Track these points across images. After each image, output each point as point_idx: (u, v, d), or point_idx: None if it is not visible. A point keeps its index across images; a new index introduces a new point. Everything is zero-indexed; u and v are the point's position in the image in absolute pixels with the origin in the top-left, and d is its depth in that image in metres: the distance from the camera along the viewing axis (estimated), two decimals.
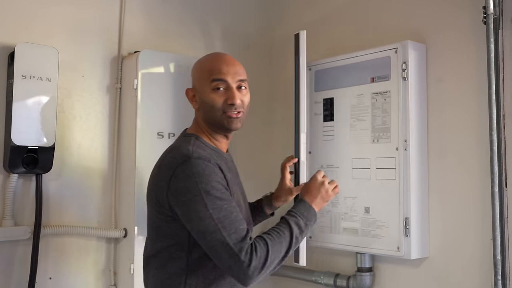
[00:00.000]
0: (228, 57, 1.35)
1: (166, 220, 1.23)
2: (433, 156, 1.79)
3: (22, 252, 1.71)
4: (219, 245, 1.14)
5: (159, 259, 1.26)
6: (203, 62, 1.35)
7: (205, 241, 1.17)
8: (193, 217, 1.17)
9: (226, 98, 1.29)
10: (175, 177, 1.19)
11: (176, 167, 1.20)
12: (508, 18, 1.63)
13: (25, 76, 1.66)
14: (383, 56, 1.82)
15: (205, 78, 1.30)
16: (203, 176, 1.17)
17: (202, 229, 1.16)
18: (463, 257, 1.70)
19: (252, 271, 1.14)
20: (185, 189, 1.17)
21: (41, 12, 1.80)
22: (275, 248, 1.18)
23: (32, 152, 1.67)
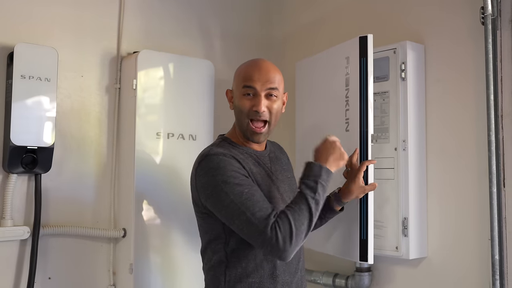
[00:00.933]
0: (264, 64, 1.38)
1: (203, 217, 1.33)
2: (432, 156, 1.80)
3: (21, 252, 1.71)
4: (246, 226, 1.21)
5: (205, 254, 1.36)
6: (242, 67, 1.41)
7: (235, 226, 1.24)
8: (219, 207, 1.25)
9: (253, 105, 1.34)
10: (198, 176, 1.29)
11: (197, 167, 1.30)
12: (506, 19, 1.63)
13: (24, 76, 1.66)
14: (382, 56, 1.82)
15: (238, 82, 1.37)
16: (219, 169, 1.25)
17: (230, 215, 1.23)
18: (461, 257, 1.71)
19: (282, 244, 1.18)
20: (207, 184, 1.26)
21: (40, 12, 1.80)
22: (296, 216, 1.21)
23: (31, 152, 1.67)
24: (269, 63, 1.40)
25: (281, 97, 1.39)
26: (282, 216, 1.21)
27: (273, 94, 1.36)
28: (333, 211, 1.57)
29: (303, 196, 1.26)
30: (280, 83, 1.38)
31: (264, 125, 1.35)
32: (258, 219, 1.19)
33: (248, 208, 1.20)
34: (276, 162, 1.45)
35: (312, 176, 1.29)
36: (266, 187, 1.34)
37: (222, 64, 2.26)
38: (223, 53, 2.29)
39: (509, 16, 1.63)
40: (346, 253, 1.68)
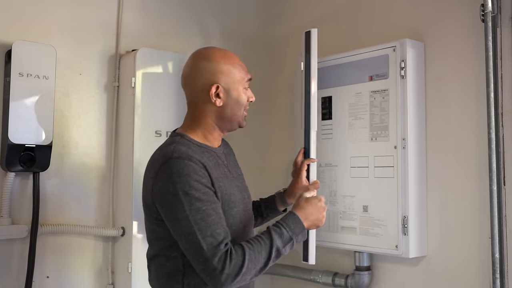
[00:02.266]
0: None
1: (158, 224, 1.23)
2: (432, 154, 1.79)
3: (19, 251, 1.71)
4: (193, 248, 1.14)
5: (158, 261, 1.26)
6: (230, 60, 1.32)
7: (181, 243, 1.17)
8: (171, 218, 1.17)
9: (248, 97, 1.35)
10: (157, 179, 1.19)
11: (158, 169, 1.19)
12: (507, 16, 1.62)
13: (22, 74, 1.65)
14: (381, 54, 1.82)
15: (239, 77, 1.32)
16: (182, 176, 1.16)
17: (179, 231, 1.16)
18: (461, 256, 1.70)
19: (224, 278, 1.12)
20: (165, 189, 1.17)
21: (39, 10, 1.79)
22: (252, 257, 1.15)
23: (29, 151, 1.66)
24: None
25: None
26: (238, 252, 1.14)
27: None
28: (276, 210, 1.55)
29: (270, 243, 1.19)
30: None
31: None
32: (207, 244, 1.12)
33: (201, 230, 1.13)
34: (229, 158, 1.40)
35: (291, 231, 1.23)
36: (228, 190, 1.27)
37: None
38: None
39: (509, 14, 1.62)
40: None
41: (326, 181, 1.97)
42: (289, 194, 1.54)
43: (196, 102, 1.32)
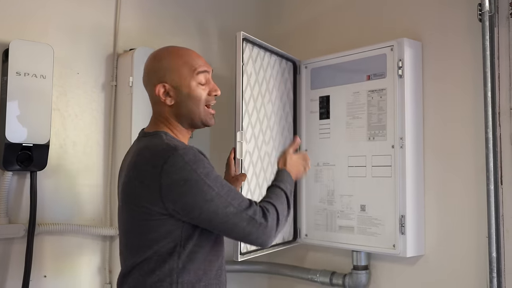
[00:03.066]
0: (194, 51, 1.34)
1: (160, 220, 1.18)
2: (429, 153, 1.79)
3: (17, 250, 1.70)
4: (234, 217, 1.17)
5: (146, 265, 1.19)
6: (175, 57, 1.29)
7: (218, 220, 1.17)
8: (200, 202, 1.15)
9: (209, 90, 1.30)
10: (167, 173, 1.15)
11: (163, 164, 1.15)
12: (504, 16, 1.63)
13: (19, 73, 1.65)
14: (379, 53, 1.82)
15: (187, 72, 1.27)
16: (197, 162, 1.17)
17: (214, 209, 1.16)
18: (458, 255, 1.70)
19: (270, 230, 1.20)
20: (183, 180, 1.14)
21: (36, 9, 1.79)
22: (280, 206, 1.26)
23: (27, 150, 1.66)
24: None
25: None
26: (269, 205, 1.24)
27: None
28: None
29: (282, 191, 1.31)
30: None
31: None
32: (244, 208, 1.18)
33: (234, 198, 1.18)
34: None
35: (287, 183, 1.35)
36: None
37: (219, 62, 2.26)
38: (220, 51, 2.28)
39: (506, 13, 1.62)
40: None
41: (323, 180, 1.97)
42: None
43: (154, 103, 1.31)
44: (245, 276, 2.25)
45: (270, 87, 1.94)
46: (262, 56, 1.91)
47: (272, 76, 1.94)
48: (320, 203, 1.98)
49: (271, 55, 1.95)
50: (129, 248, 1.25)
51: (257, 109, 1.87)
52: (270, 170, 1.91)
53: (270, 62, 1.95)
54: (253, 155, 1.83)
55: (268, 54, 1.94)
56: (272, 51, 1.95)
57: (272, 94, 1.95)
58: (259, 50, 1.88)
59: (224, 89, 2.26)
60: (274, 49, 1.95)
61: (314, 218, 2.00)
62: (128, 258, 1.24)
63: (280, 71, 2.00)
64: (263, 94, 1.90)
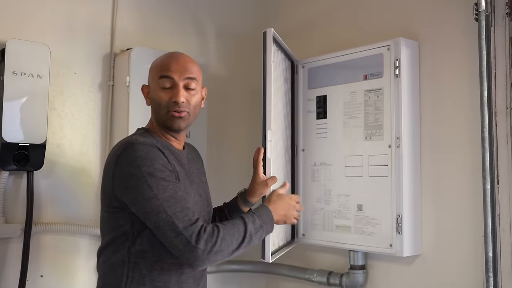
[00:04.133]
0: (182, 55, 1.33)
1: (113, 212, 1.23)
2: (426, 153, 1.79)
3: (13, 250, 1.71)
4: (165, 225, 1.14)
5: (106, 252, 1.26)
6: (157, 59, 1.33)
7: (151, 222, 1.16)
8: (138, 200, 1.16)
9: (171, 96, 1.27)
10: (119, 165, 1.19)
11: (119, 155, 1.19)
12: (500, 15, 1.62)
13: (16, 72, 1.65)
14: (375, 53, 1.82)
15: (154, 75, 1.30)
16: (146, 159, 1.17)
17: (148, 210, 1.15)
18: (455, 254, 1.70)
19: (198, 253, 1.13)
20: (129, 174, 1.17)
21: (33, 8, 1.79)
22: (227, 236, 1.17)
23: (23, 149, 1.66)
24: (186, 55, 1.34)
25: (200, 90, 1.34)
26: (214, 229, 1.16)
27: (191, 87, 1.29)
28: (240, 211, 1.52)
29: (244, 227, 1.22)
30: (199, 75, 1.32)
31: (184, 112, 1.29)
32: (179, 220, 1.13)
33: (170, 206, 1.14)
34: (193, 164, 1.40)
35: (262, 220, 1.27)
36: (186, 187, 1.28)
37: (216, 61, 2.26)
38: (217, 50, 2.28)
39: (502, 13, 1.62)
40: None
41: (320, 180, 1.97)
42: (250, 193, 1.53)
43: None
44: (242, 276, 2.26)
45: (279, 86, 1.89)
46: (276, 54, 1.83)
47: (279, 75, 1.91)
48: (317, 202, 1.98)
49: (281, 53, 1.92)
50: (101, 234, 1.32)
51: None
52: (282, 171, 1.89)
53: (280, 61, 1.90)
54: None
55: (280, 52, 1.89)
56: (283, 49, 1.91)
57: (280, 93, 1.91)
58: (275, 47, 1.80)
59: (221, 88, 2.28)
60: (285, 46, 1.90)
61: (311, 218, 2.00)
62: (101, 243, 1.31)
63: (284, 70, 1.99)
64: (276, 93, 1.84)
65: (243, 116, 2.32)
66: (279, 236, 1.85)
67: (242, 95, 2.33)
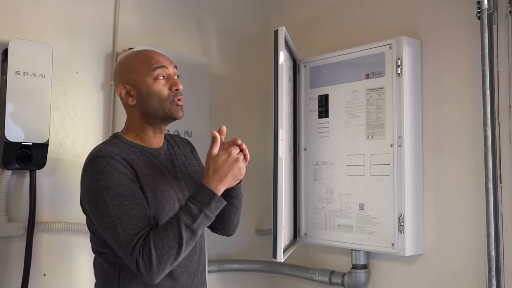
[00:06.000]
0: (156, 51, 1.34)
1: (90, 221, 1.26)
2: (428, 152, 1.79)
3: (16, 248, 1.71)
4: (116, 242, 1.15)
5: (96, 257, 1.29)
6: (133, 57, 1.31)
7: (107, 237, 1.18)
8: (95, 215, 1.19)
9: (170, 86, 1.27)
10: (83, 177, 1.23)
11: (85, 167, 1.23)
12: (503, 13, 1.62)
13: (18, 72, 1.66)
14: (377, 52, 1.81)
15: (143, 70, 1.27)
16: (104, 173, 1.17)
17: (103, 226, 1.17)
18: (457, 254, 1.69)
19: (142, 270, 1.12)
20: (88, 187, 1.20)
21: (35, 8, 1.80)
22: (159, 244, 1.12)
23: (26, 149, 1.67)
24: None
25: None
26: (146, 242, 1.13)
27: (178, 75, 1.32)
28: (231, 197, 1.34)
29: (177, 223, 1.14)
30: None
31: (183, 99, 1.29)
32: (127, 238, 1.12)
33: (122, 224, 1.13)
34: (175, 158, 1.36)
35: (199, 202, 1.15)
36: (159, 186, 1.25)
37: (218, 60, 2.26)
38: (219, 49, 2.28)
39: (505, 11, 1.61)
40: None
41: (322, 179, 1.97)
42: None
43: (123, 106, 1.34)
44: (245, 275, 2.26)
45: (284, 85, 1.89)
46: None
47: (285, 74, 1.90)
48: (319, 202, 1.98)
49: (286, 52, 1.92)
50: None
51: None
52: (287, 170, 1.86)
53: (285, 59, 1.89)
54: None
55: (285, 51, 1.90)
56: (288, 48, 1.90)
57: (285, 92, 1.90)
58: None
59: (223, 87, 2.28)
60: (291, 45, 1.90)
61: (313, 217, 2.00)
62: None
63: (288, 69, 1.99)
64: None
65: (245, 115, 2.32)
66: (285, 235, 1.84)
67: (245, 94, 2.33)
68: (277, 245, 1.53)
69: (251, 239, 2.28)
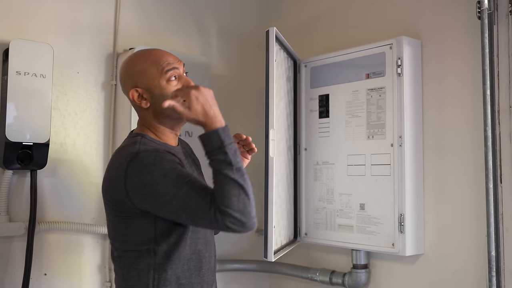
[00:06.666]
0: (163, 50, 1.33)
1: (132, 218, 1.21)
2: (428, 152, 1.79)
3: (17, 248, 1.72)
4: (195, 217, 1.14)
5: (125, 258, 1.24)
6: (141, 59, 1.30)
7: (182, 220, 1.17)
8: (160, 204, 1.16)
9: (182, 85, 1.27)
10: (129, 177, 1.18)
11: (126, 167, 1.18)
12: (503, 13, 1.62)
13: (19, 72, 1.66)
14: (378, 52, 1.81)
15: (155, 72, 1.26)
16: (155, 165, 1.16)
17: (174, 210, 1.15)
18: (458, 254, 1.69)
19: (236, 226, 1.13)
20: (142, 183, 1.16)
21: (36, 8, 1.80)
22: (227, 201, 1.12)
23: (27, 149, 1.67)
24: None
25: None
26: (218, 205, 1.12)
27: (186, 73, 1.32)
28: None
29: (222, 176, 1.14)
30: None
31: None
32: (204, 209, 1.12)
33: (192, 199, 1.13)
34: (189, 157, 1.39)
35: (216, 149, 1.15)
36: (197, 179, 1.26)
37: (218, 60, 2.26)
38: (220, 49, 2.29)
39: (505, 11, 1.61)
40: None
41: (323, 179, 1.97)
42: None
43: (135, 108, 1.32)
44: (245, 275, 2.26)
45: (281, 85, 1.90)
46: (279, 53, 1.85)
47: (281, 74, 1.91)
48: (320, 202, 1.98)
49: (283, 52, 1.92)
50: (112, 239, 1.30)
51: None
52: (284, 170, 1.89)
53: (282, 59, 1.91)
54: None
55: (282, 51, 1.90)
56: (285, 48, 1.91)
57: (282, 92, 1.92)
58: (277, 46, 1.82)
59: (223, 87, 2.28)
60: (288, 45, 1.91)
61: (313, 217, 2.00)
62: (112, 249, 1.30)
63: (286, 69, 1.99)
64: (279, 91, 1.86)
65: (245, 115, 2.32)
66: (281, 235, 1.86)
67: (245, 94, 2.33)
68: (268, 244, 1.54)
69: (251, 239, 2.28)
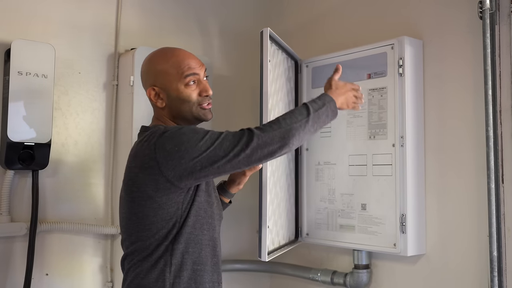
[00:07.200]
0: (187, 51, 1.36)
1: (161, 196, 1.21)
2: (430, 152, 1.79)
3: (19, 248, 1.72)
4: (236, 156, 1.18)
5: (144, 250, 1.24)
6: (164, 59, 1.32)
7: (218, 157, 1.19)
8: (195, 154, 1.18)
9: (200, 91, 1.31)
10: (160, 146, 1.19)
11: (156, 140, 1.21)
12: (505, 13, 1.62)
13: (21, 72, 1.66)
14: (379, 52, 1.81)
15: (174, 74, 1.30)
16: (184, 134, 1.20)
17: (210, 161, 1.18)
18: (460, 254, 1.69)
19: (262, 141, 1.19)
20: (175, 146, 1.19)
21: (38, 8, 1.80)
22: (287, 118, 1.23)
23: (28, 149, 1.67)
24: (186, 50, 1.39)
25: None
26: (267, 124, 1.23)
27: (206, 76, 1.37)
28: (222, 203, 1.54)
29: (305, 106, 1.28)
30: None
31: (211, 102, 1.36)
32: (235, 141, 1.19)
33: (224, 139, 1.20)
34: None
35: (322, 100, 1.32)
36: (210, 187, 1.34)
37: (219, 61, 2.26)
38: (221, 50, 2.29)
39: (507, 11, 1.61)
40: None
41: (324, 179, 1.97)
42: (229, 183, 1.57)
43: (151, 105, 1.35)
44: (246, 275, 2.26)
45: (280, 86, 1.91)
46: (276, 53, 1.87)
47: (280, 75, 1.92)
48: (321, 202, 1.98)
49: (282, 53, 1.93)
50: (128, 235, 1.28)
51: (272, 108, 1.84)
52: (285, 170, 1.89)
53: (281, 60, 1.92)
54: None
55: (281, 52, 1.91)
56: (284, 49, 1.92)
57: (282, 92, 1.92)
58: (274, 47, 1.84)
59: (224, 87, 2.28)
60: (286, 46, 1.92)
61: (315, 217, 2.00)
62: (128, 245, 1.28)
63: (286, 69, 2.00)
64: (277, 92, 1.87)
65: (246, 115, 2.33)
66: (279, 235, 1.86)
67: (246, 94, 2.33)
68: (262, 244, 1.56)
69: (252, 239, 2.28)
